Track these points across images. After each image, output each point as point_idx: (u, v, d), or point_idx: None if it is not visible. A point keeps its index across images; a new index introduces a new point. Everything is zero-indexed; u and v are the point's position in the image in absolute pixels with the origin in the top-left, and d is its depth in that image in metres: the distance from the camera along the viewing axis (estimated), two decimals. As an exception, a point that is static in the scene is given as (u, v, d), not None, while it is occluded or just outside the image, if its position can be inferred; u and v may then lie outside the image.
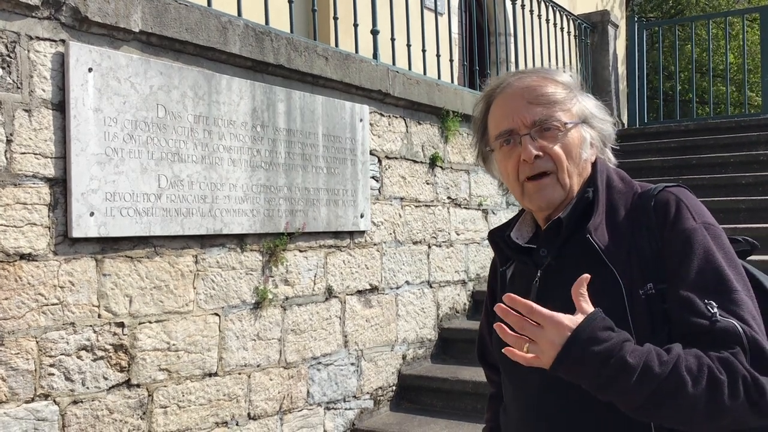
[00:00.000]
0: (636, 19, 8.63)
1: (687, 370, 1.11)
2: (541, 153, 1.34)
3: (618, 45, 8.19)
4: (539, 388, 1.31)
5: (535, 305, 1.15)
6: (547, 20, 6.40)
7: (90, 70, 2.67)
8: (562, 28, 6.75)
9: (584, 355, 1.11)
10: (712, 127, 7.32)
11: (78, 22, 2.64)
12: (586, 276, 1.17)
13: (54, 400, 2.57)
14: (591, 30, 7.57)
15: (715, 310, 1.18)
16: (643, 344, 1.17)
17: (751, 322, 1.17)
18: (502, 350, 1.20)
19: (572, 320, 1.15)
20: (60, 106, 2.58)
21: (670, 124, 8.00)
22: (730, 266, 1.24)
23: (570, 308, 1.25)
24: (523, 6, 6.07)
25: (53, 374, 2.57)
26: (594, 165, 1.42)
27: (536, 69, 1.46)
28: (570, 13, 7.07)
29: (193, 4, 3.06)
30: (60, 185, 2.58)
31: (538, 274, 1.39)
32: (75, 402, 2.63)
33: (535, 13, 6.24)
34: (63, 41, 2.60)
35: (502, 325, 1.18)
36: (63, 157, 2.59)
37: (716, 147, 6.74)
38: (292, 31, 3.71)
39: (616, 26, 8.06)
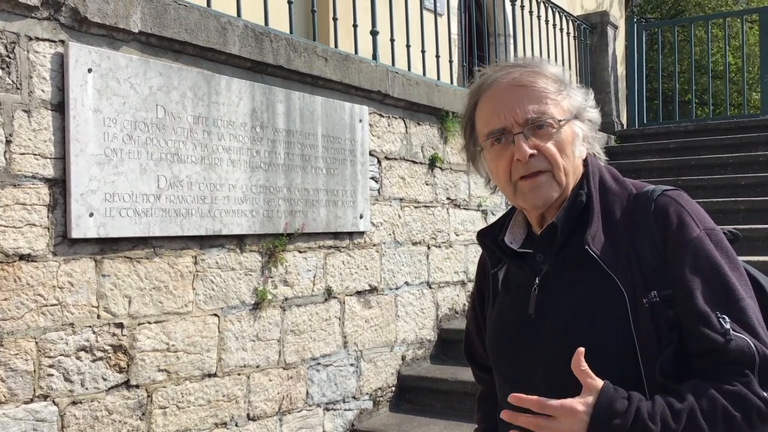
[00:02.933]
0: (635, 20, 8.62)
1: (703, 417, 1.13)
2: (535, 152, 1.30)
3: (617, 46, 8.18)
4: (541, 391, 1.29)
5: (544, 401, 1.15)
6: (547, 21, 6.40)
7: (89, 70, 2.67)
8: (561, 29, 6.75)
9: None
10: (711, 128, 7.31)
11: (77, 22, 2.64)
12: (581, 350, 1.17)
13: (53, 401, 2.57)
14: (590, 31, 7.57)
15: (728, 325, 1.18)
16: (649, 354, 1.19)
17: (761, 334, 1.19)
18: None
19: (585, 403, 1.15)
20: (59, 107, 2.58)
21: (670, 125, 8.00)
22: (735, 272, 1.24)
23: (573, 317, 1.26)
24: (522, 7, 6.07)
25: (52, 375, 2.56)
26: (585, 164, 1.38)
27: (522, 62, 1.39)
28: (569, 14, 7.07)
29: (192, 5, 3.06)
30: (59, 186, 2.58)
31: (537, 281, 1.35)
32: (74, 403, 2.63)
33: (535, 14, 6.24)
34: (62, 42, 2.60)
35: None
36: (62, 158, 2.59)
37: (715, 148, 6.74)
38: (291, 31, 3.72)
39: (616, 27, 8.06)
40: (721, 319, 1.18)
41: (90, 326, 2.68)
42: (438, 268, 4.72)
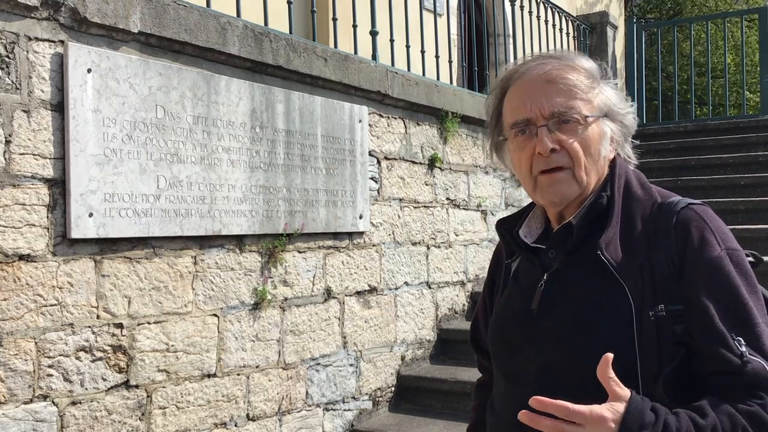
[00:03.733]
0: (635, 20, 8.63)
1: None
2: (557, 147, 1.27)
3: (617, 46, 8.19)
4: (534, 388, 1.25)
5: (571, 406, 1.10)
6: (546, 21, 6.40)
7: (89, 70, 2.67)
8: (561, 30, 6.75)
9: None
10: (710, 128, 7.34)
11: (77, 22, 2.64)
12: (610, 355, 1.12)
13: (53, 401, 2.57)
14: (590, 31, 7.58)
15: (744, 348, 1.17)
16: (649, 368, 1.19)
17: None
18: None
19: (613, 411, 1.11)
20: (59, 107, 2.58)
21: (669, 125, 8.04)
22: (753, 296, 1.23)
23: (574, 319, 1.25)
24: (522, 7, 6.07)
25: (52, 375, 2.56)
26: (612, 165, 1.34)
27: (557, 53, 1.36)
28: (569, 14, 7.08)
29: (192, 5, 3.06)
30: (59, 186, 2.58)
31: (544, 277, 1.33)
32: (74, 403, 2.63)
33: (534, 14, 6.24)
34: (62, 42, 2.60)
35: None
36: (62, 158, 2.59)
37: (715, 148, 6.76)
38: (291, 32, 3.71)
39: (615, 27, 8.07)
40: (736, 342, 1.18)
41: (89, 326, 2.68)
42: (437, 269, 4.72)
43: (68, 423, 2.61)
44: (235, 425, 3.26)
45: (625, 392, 1.12)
